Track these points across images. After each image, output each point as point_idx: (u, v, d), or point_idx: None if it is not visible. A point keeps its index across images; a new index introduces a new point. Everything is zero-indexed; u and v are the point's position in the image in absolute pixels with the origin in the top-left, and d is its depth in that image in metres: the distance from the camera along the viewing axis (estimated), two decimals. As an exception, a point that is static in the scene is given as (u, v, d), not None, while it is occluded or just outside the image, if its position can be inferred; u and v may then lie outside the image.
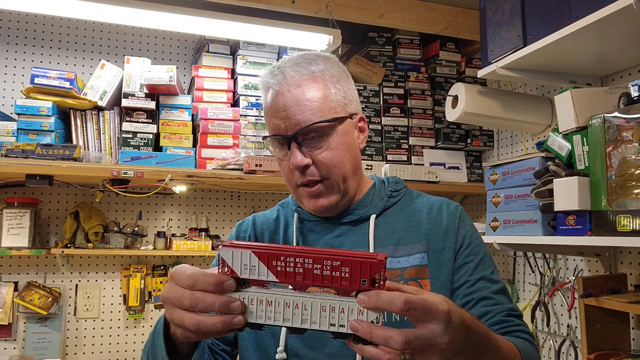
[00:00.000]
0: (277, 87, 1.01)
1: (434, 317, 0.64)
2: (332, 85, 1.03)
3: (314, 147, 1.00)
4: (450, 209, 1.08)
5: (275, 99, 1.00)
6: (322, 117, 0.99)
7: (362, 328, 0.63)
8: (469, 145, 2.64)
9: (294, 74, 1.01)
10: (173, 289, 0.70)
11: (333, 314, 0.65)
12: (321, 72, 1.02)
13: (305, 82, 1.00)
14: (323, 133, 1.00)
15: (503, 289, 1.02)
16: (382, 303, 0.63)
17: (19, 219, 2.22)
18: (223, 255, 0.67)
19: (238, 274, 0.67)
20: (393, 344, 0.62)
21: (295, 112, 0.98)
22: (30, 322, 2.31)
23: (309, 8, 2.22)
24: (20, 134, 2.15)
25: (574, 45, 1.71)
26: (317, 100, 1.00)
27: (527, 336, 0.96)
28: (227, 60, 2.48)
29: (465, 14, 2.48)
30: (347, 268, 0.64)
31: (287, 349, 0.99)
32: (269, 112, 1.02)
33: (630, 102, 1.49)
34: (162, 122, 2.31)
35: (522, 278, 2.39)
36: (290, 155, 1.00)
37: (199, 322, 0.67)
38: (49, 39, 2.49)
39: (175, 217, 2.60)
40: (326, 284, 0.66)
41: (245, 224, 1.17)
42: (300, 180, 1.01)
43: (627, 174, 1.46)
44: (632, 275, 1.85)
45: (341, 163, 1.02)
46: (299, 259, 0.66)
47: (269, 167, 2.23)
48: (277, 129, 1.01)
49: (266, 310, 0.67)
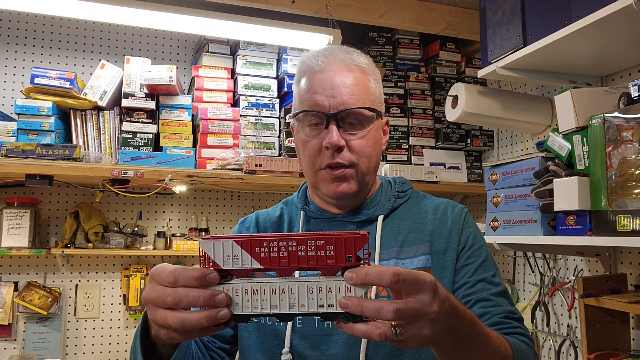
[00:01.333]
0: (325, 66, 1.01)
1: (422, 287, 0.64)
2: (374, 81, 1.05)
3: (350, 132, 1.00)
4: (455, 210, 1.08)
5: (322, 76, 1.01)
6: (365, 105, 1.01)
7: (352, 303, 0.63)
8: (469, 145, 2.64)
9: (344, 58, 1.03)
10: (154, 289, 0.68)
11: (321, 294, 0.65)
12: (367, 66, 1.05)
13: (354, 69, 1.02)
14: (362, 121, 1.01)
15: (503, 292, 1.02)
16: (371, 277, 0.63)
17: (19, 219, 2.22)
18: (204, 247, 0.67)
19: (221, 266, 0.66)
20: (385, 314, 0.62)
21: (342, 92, 0.99)
22: (30, 322, 2.31)
23: (309, 8, 2.22)
24: (20, 134, 2.15)
25: (574, 45, 1.71)
26: (363, 89, 1.01)
27: (524, 339, 0.95)
28: (227, 60, 2.48)
29: (465, 14, 2.48)
30: (332, 246, 0.64)
31: (291, 350, 0.99)
32: (312, 88, 1.01)
33: (630, 102, 1.49)
34: (162, 122, 2.31)
35: (522, 278, 2.39)
36: (327, 133, 0.99)
37: (183, 319, 0.65)
38: (49, 39, 2.49)
39: (175, 217, 2.60)
40: (312, 265, 0.65)
41: (248, 221, 1.17)
42: (328, 162, 1.00)
43: (627, 174, 1.46)
44: (632, 275, 1.85)
45: (371, 155, 1.03)
46: (282, 242, 0.65)
47: (269, 167, 2.23)
48: (319, 106, 1.00)
49: (252, 300, 0.66)
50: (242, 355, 1.07)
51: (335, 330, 0.98)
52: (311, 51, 1.07)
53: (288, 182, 2.27)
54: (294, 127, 1.09)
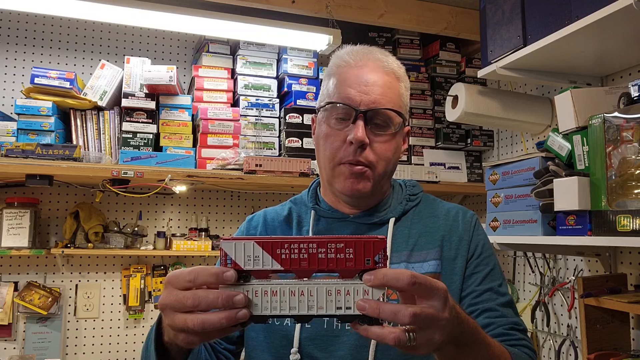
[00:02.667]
0: (362, 63, 1.02)
1: (436, 294, 0.66)
2: (405, 90, 1.06)
3: (376, 132, 1.00)
4: (467, 217, 1.08)
5: (359, 71, 1.01)
6: (395, 108, 1.01)
7: (370, 306, 0.64)
8: (469, 145, 2.64)
9: (382, 59, 1.04)
10: (172, 293, 0.68)
11: (339, 297, 0.67)
12: (402, 74, 1.06)
13: (390, 73, 1.03)
14: (390, 123, 1.01)
15: (510, 302, 1.02)
16: (388, 279, 0.64)
17: (19, 219, 2.22)
18: (225, 248, 0.67)
19: (242, 266, 0.67)
20: (401, 318, 0.63)
21: (376, 90, 0.99)
22: (30, 322, 2.31)
23: (309, 8, 2.22)
24: (20, 134, 2.15)
25: (574, 45, 1.71)
26: (395, 93, 1.02)
27: (527, 351, 0.95)
28: (227, 60, 2.48)
29: (465, 14, 2.48)
30: (351, 249, 0.66)
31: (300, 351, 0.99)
32: (347, 82, 1.01)
33: (630, 102, 1.49)
34: (162, 122, 2.31)
35: (522, 278, 2.39)
36: (353, 129, 0.98)
37: (204, 321, 0.65)
38: (49, 39, 2.49)
39: (175, 217, 2.60)
40: (331, 267, 0.67)
41: (256, 219, 1.16)
42: (349, 158, 0.99)
43: (627, 174, 1.46)
44: (632, 275, 1.85)
45: (389, 159, 1.03)
46: (303, 244, 0.67)
47: (269, 167, 2.23)
48: (350, 100, 0.99)
49: (271, 301, 0.67)
50: (249, 355, 1.07)
51: (344, 332, 0.98)
52: (347, 47, 1.07)
53: (288, 182, 2.27)
54: (317, 119, 1.08)
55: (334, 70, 1.05)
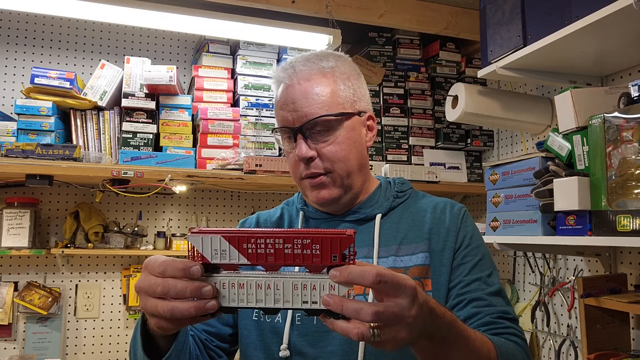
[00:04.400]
0: (287, 81, 1.03)
1: (403, 291, 0.66)
2: (342, 82, 1.05)
3: (319, 140, 1.02)
4: (454, 209, 1.08)
5: (285, 92, 1.03)
6: (329, 111, 1.01)
7: (334, 302, 0.65)
8: (469, 145, 2.64)
9: (304, 68, 1.04)
10: (147, 278, 0.70)
11: (305, 291, 0.67)
12: (331, 68, 1.05)
13: (315, 77, 1.03)
14: (329, 127, 1.01)
15: (499, 292, 1.01)
16: (354, 276, 0.64)
17: (19, 219, 2.22)
18: (192, 241, 0.68)
19: (209, 260, 0.68)
20: (363, 316, 0.63)
21: (302, 104, 1.00)
22: (30, 322, 2.31)
23: (309, 8, 2.22)
24: (20, 134, 2.15)
25: (574, 45, 1.71)
26: (325, 95, 1.02)
27: (516, 339, 0.94)
28: (227, 60, 2.48)
29: (465, 14, 2.48)
30: (318, 245, 0.66)
31: (290, 347, 0.99)
32: (279, 104, 1.04)
33: (630, 102, 1.49)
34: (162, 122, 2.31)
35: (522, 278, 2.39)
36: (296, 147, 1.02)
37: (173, 308, 0.67)
38: (49, 39, 2.49)
39: (175, 217, 2.60)
40: (298, 263, 0.67)
41: (249, 222, 1.18)
42: (305, 173, 1.03)
43: (627, 174, 1.46)
44: (632, 275, 1.85)
45: (346, 158, 1.03)
46: (269, 239, 0.67)
47: (269, 167, 2.23)
48: (285, 121, 1.03)
49: (238, 293, 0.68)
50: (243, 353, 1.08)
51: None
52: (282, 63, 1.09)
53: (288, 182, 2.27)
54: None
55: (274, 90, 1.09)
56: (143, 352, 0.82)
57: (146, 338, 0.82)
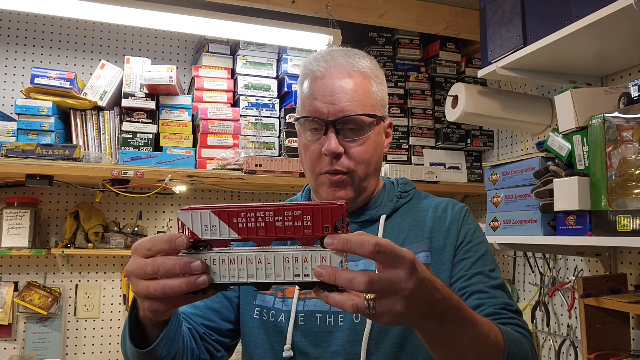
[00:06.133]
0: (326, 72, 1.02)
1: (400, 262, 0.64)
2: (376, 84, 1.06)
3: (349, 138, 1.01)
4: (455, 208, 1.08)
5: (322, 82, 1.01)
6: (365, 111, 1.01)
7: (326, 272, 0.63)
8: (469, 145, 2.64)
9: (345, 63, 1.03)
10: (136, 261, 0.70)
11: (297, 264, 0.66)
12: (369, 69, 1.05)
13: (355, 74, 1.02)
14: (361, 127, 1.01)
15: (501, 285, 1.01)
16: (352, 245, 0.63)
17: (19, 219, 2.22)
18: (182, 218, 0.68)
19: (200, 236, 0.67)
20: (357, 285, 0.62)
21: (341, 99, 1.00)
22: (30, 322, 2.31)
23: (309, 8, 2.22)
24: (20, 134, 2.15)
25: (574, 45, 1.71)
26: (363, 95, 1.02)
27: (520, 329, 0.93)
28: (227, 60, 2.48)
29: (465, 14, 2.48)
30: (309, 216, 0.65)
31: (293, 347, 1.00)
32: (313, 94, 1.02)
33: (630, 102, 1.49)
34: (162, 122, 2.31)
35: (522, 278, 2.39)
36: (326, 140, 1.00)
37: (165, 286, 0.67)
38: (49, 39, 2.49)
39: (175, 217, 2.60)
40: (289, 235, 0.66)
41: None
42: (327, 168, 1.01)
43: (627, 174, 1.46)
44: (632, 275, 1.85)
45: (369, 160, 1.03)
46: (259, 213, 0.66)
47: (269, 167, 2.23)
48: (318, 112, 1.01)
49: (229, 269, 0.67)
50: (245, 350, 1.08)
51: (337, 328, 0.98)
52: (314, 54, 1.07)
53: (288, 182, 2.27)
54: (297, 129, 1.10)
55: (302, 79, 1.07)
56: (131, 341, 0.82)
57: (137, 329, 0.82)
